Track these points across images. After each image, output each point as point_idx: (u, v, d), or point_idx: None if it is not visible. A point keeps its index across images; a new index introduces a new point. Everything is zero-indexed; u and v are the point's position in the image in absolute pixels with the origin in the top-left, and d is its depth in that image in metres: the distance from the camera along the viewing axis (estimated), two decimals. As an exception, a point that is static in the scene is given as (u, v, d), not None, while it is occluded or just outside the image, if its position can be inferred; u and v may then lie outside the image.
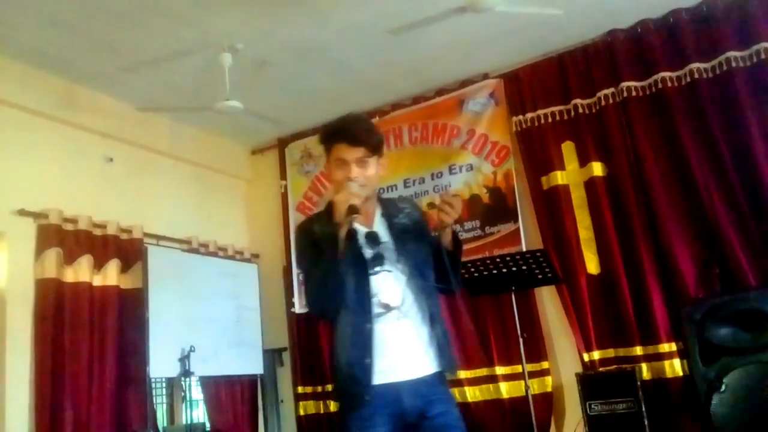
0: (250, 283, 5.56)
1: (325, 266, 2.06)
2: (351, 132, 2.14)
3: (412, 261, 2.13)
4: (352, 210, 1.99)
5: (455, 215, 2.04)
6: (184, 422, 4.81)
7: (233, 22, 4.18)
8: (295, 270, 5.72)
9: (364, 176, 2.10)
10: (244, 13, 4.11)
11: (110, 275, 4.61)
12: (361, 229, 2.14)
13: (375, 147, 2.14)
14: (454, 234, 2.15)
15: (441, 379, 2.10)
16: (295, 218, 5.85)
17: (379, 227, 2.18)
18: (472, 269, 4.11)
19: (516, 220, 4.94)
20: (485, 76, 5.21)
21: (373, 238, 2.14)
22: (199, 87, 4.80)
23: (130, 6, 3.92)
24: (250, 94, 4.65)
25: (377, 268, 2.11)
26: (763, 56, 4.21)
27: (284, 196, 5.96)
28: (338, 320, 2.11)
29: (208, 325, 5.01)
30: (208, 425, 5.04)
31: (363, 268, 2.10)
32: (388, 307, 2.09)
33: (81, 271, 4.43)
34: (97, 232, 4.64)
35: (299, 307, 5.60)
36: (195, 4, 3.95)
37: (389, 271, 2.12)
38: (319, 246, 2.09)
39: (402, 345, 2.07)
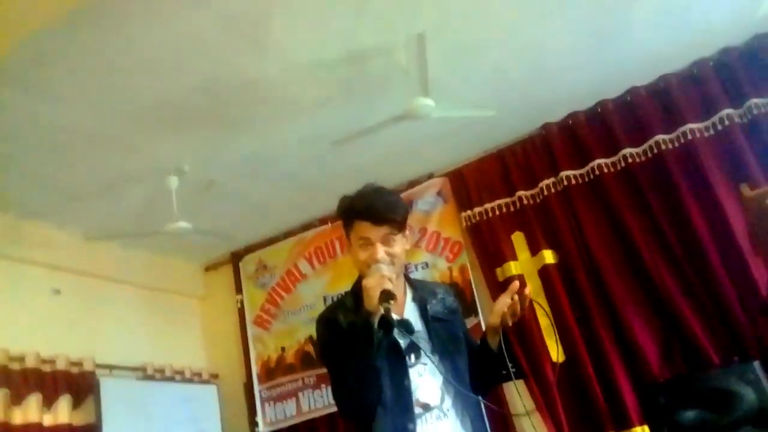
0: (209, 406, 5.36)
1: (360, 361, 1.83)
2: (374, 209, 1.98)
3: (452, 354, 1.96)
4: (388, 296, 1.80)
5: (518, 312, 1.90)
6: None
7: (177, 145, 4.22)
8: (257, 387, 5.54)
9: (392, 255, 1.95)
10: (188, 135, 4.16)
11: (61, 413, 4.38)
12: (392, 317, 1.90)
13: (401, 223, 2.00)
14: (505, 334, 1.97)
15: None
16: (254, 332, 5.73)
17: (411, 314, 2.00)
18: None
19: (476, 314, 4.93)
20: (430, 176, 5.34)
21: (405, 326, 1.92)
22: (147, 211, 4.77)
23: (66, 138, 3.90)
24: (200, 213, 4.64)
25: (413, 362, 1.93)
26: (689, 137, 4.43)
27: (241, 311, 5.85)
28: (375, 422, 1.86)
29: (168, 456, 4.76)
30: None
31: (401, 362, 1.91)
32: (427, 407, 1.92)
33: (30, 412, 4.20)
34: (46, 368, 4.43)
35: (263, 426, 5.39)
36: (137, 130, 3.98)
37: (425, 364, 1.93)
38: (346, 339, 1.88)
39: None
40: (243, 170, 4.70)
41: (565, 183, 4.77)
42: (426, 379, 1.92)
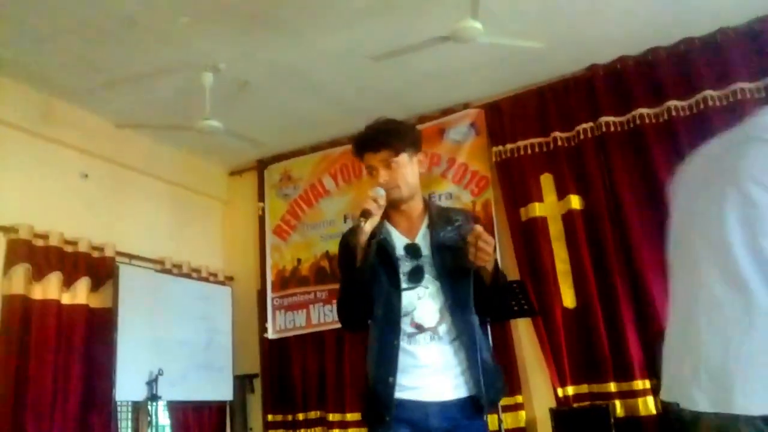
0: (222, 307, 5.47)
1: (350, 275, 2.03)
2: (371, 137, 2.11)
3: (454, 280, 2.02)
4: (362, 213, 1.96)
5: (489, 256, 1.93)
6: (148, 448, 4.67)
7: (216, 42, 4.17)
8: (269, 294, 5.65)
9: (394, 178, 2.05)
10: (227, 33, 4.10)
11: (80, 293, 4.51)
12: (402, 240, 2.07)
13: (398, 147, 2.07)
14: (495, 271, 2.01)
15: (474, 405, 1.99)
16: (272, 241, 5.79)
17: (423, 239, 2.08)
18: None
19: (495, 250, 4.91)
20: (466, 106, 5.24)
21: (413, 250, 2.06)
22: (179, 106, 4.76)
23: (111, 23, 3.90)
24: (231, 115, 4.61)
25: (414, 284, 2.03)
26: (739, 96, 4.27)
27: (261, 219, 5.90)
28: (369, 335, 2.06)
29: (177, 348, 4.91)
30: (173, 451, 4.91)
31: (395, 282, 2.02)
32: (421, 328, 2.01)
33: (50, 288, 4.34)
34: (68, 248, 4.54)
35: (272, 332, 5.52)
36: (178, 21, 3.93)
37: (426, 287, 2.03)
38: (349, 256, 2.03)
39: (433, 366, 1.99)
40: (278, 76, 4.63)
41: (603, 129, 4.65)
42: (425, 302, 2.01)
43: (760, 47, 4.28)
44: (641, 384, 4.24)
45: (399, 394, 1.97)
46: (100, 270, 4.69)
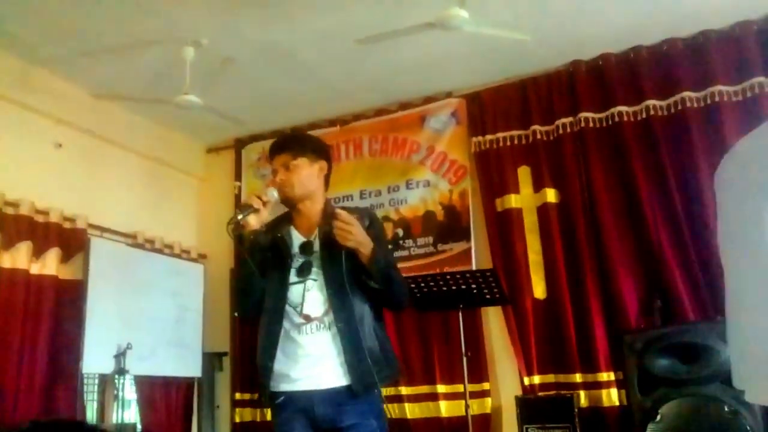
0: (194, 284, 5.43)
1: (241, 267, 2.31)
2: (277, 143, 2.35)
3: (335, 272, 2.16)
4: (240, 206, 2.18)
5: (353, 236, 2.07)
6: (114, 422, 4.64)
7: (199, 16, 4.11)
8: (242, 273, 5.62)
9: (290, 178, 2.23)
10: (212, 8, 4.05)
11: (49, 264, 4.44)
12: (299, 239, 2.25)
13: (297, 151, 2.26)
14: (375, 260, 2.13)
15: (359, 392, 2.10)
16: (247, 221, 5.75)
17: (316, 237, 2.25)
18: (422, 284, 4.10)
19: (468, 240, 4.97)
20: (448, 95, 5.25)
21: (306, 247, 2.23)
22: (159, 79, 4.69)
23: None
24: (211, 92, 4.55)
25: (302, 278, 2.19)
26: (716, 98, 4.35)
27: (237, 198, 5.85)
28: (259, 325, 2.24)
29: (147, 323, 4.87)
30: (139, 426, 4.88)
31: (283, 276, 2.20)
32: (309, 318, 2.16)
33: (19, 257, 4.26)
34: (39, 218, 4.46)
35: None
36: (162, -5, 3.87)
37: (314, 279, 2.19)
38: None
39: (317, 355, 2.14)
40: (262, 55, 4.59)
41: (582, 125, 4.70)
42: (312, 294, 2.18)
43: (741, 51, 4.36)
44: (606, 376, 4.33)
45: (288, 387, 2.15)
46: (71, 241, 4.62)
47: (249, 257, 2.17)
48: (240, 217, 2.13)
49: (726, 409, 3.50)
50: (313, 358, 2.14)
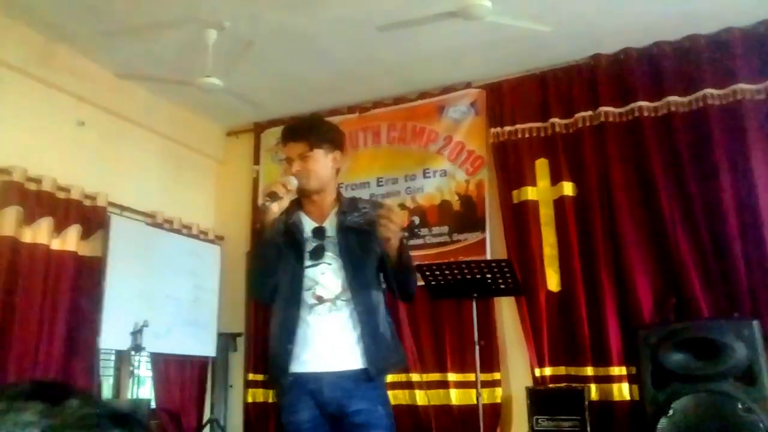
0: (211, 265, 5.50)
1: (255, 251, 2.39)
2: (292, 130, 2.33)
3: (355, 258, 2.21)
4: (269, 195, 2.14)
5: (396, 229, 2.09)
6: (129, 397, 4.73)
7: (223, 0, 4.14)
8: (258, 256, 5.67)
9: (307, 170, 2.23)
10: (236, -9, 4.07)
11: (69, 240, 4.51)
12: (311, 225, 2.28)
13: (315, 142, 2.26)
14: (401, 250, 2.16)
15: (369, 377, 2.14)
16: (264, 204, 5.79)
17: (330, 223, 2.28)
18: (437, 273, 4.12)
19: (483, 230, 4.98)
20: (468, 85, 5.25)
21: (319, 232, 2.26)
22: (181, 61, 4.73)
23: (120, -30, 3.86)
24: (232, 75, 4.59)
25: (316, 261, 2.22)
26: (738, 96, 4.32)
27: (255, 182, 5.90)
28: (274, 307, 2.27)
29: (164, 301, 4.94)
30: (153, 403, 4.96)
31: (299, 259, 2.23)
32: (321, 300, 2.20)
33: (40, 233, 4.33)
34: (61, 195, 4.53)
35: (258, 294, 5.56)
36: (187, -23, 3.90)
37: (329, 264, 2.22)
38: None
39: (329, 338, 2.17)
40: (283, 40, 4.61)
41: (602, 119, 4.69)
42: (327, 277, 2.21)
43: (765, 50, 4.32)
44: (617, 370, 4.34)
45: (297, 368, 2.17)
46: (92, 219, 4.69)
47: (271, 241, 2.18)
48: (270, 204, 2.14)
49: (740, 406, 3.49)
50: (323, 341, 2.17)
